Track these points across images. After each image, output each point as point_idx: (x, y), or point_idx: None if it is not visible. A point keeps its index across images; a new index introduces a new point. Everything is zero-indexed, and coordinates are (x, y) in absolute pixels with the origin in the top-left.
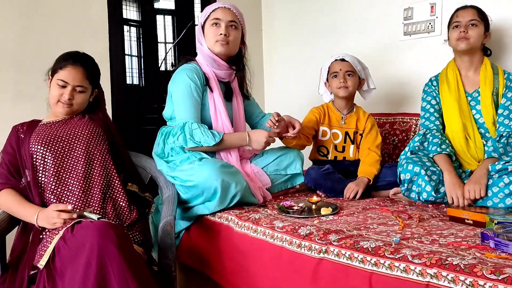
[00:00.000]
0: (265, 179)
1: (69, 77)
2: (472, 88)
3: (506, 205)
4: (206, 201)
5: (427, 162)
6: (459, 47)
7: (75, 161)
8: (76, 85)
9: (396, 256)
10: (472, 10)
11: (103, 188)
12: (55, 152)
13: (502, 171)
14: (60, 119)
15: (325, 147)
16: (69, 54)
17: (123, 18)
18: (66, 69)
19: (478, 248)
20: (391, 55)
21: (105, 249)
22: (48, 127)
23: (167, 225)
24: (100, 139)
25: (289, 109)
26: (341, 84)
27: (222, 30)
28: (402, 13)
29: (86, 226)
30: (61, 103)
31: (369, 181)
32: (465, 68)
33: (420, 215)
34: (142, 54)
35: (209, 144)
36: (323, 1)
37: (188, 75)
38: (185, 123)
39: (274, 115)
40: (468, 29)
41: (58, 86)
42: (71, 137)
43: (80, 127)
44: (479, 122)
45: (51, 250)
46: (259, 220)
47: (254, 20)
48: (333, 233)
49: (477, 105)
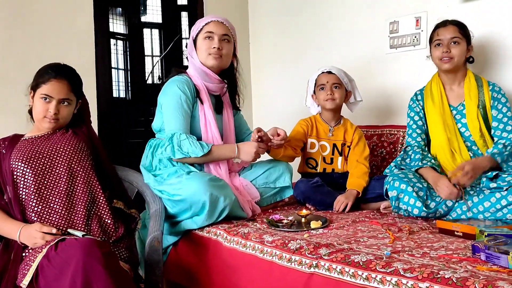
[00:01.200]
0: (254, 193)
1: (54, 91)
2: (457, 101)
3: (496, 218)
4: (194, 215)
5: (413, 178)
6: (443, 68)
7: (57, 178)
8: (61, 98)
9: (387, 270)
10: (453, 27)
11: (87, 205)
12: (35, 168)
13: (496, 189)
14: (42, 134)
15: (314, 159)
16: (51, 67)
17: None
18: (50, 83)
19: (469, 261)
20: (378, 68)
21: (90, 267)
22: (29, 143)
23: (154, 240)
24: (84, 155)
25: (277, 122)
26: (328, 96)
27: (215, 44)
28: (388, 26)
29: (70, 244)
30: (47, 118)
31: (358, 193)
32: (449, 82)
33: (410, 227)
34: (129, 67)
35: (197, 155)
36: (310, 15)
37: (178, 87)
38: (174, 134)
39: (255, 132)
40: (451, 47)
41: (43, 101)
42: (53, 153)
43: (63, 142)
44: (465, 136)
45: (34, 269)
46: (248, 234)
47: (241, 34)
48: (324, 247)
49: (462, 118)
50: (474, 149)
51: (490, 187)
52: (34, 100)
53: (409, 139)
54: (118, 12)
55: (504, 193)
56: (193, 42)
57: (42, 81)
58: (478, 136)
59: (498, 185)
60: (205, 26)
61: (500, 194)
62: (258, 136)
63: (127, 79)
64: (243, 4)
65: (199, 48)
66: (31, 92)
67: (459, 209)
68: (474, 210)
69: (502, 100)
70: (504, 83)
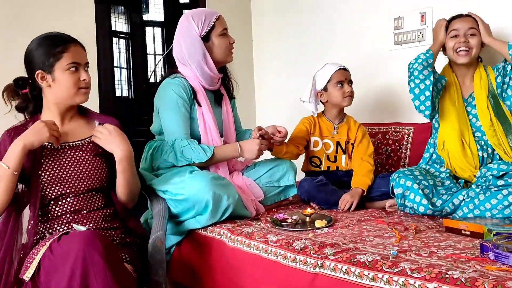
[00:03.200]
0: (257, 192)
1: (79, 56)
2: (467, 93)
3: (504, 215)
4: (197, 214)
5: (419, 175)
6: (459, 61)
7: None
8: (86, 62)
9: (394, 270)
10: (470, 18)
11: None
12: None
13: (503, 186)
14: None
15: (318, 158)
16: (53, 37)
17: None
18: (71, 48)
19: (478, 260)
20: (382, 64)
21: (90, 259)
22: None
23: (157, 240)
24: (100, 171)
25: (280, 120)
26: (348, 93)
27: (232, 39)
28: (393, 22)
29: (72, 236)
30: (82, 89)
31: (363, 191)
32: (462, 75)
33: (416, 226)
34: (131, 66)
35: (201, 160)
36: (313, 12)
37: (174, 90)
38: (175, 140)
39: (256, 131)
40: (468, 38)
41: (70, 72)
42: (71, 164)
43: (81, 158)
44: (476, 126)
45: (37, 262)
46: (252, 234)
47: (244, 32)
48: (329, 246)
49: (472, 110)
50: (484, 139)
51: (497, 185)
52: (55, 78)
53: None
54: (120, 11)
55: (511, 190)
56: (202, 40)
57: (60, 51)
58: (488, 125)
59: (505, 182)
60: (216, 22)
61: (507, 191)
62: (260, 135)
63: (130, 78)
64: (245, 1)
65: (217, 45)
66: (42, 75)
67: (466, 208)
68: (481, 207)
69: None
70: None
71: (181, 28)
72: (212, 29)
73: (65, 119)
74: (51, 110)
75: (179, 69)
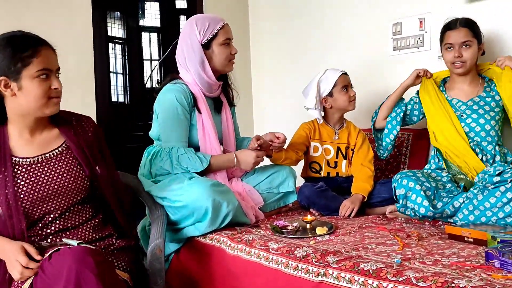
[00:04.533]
0: (257, 198)
1: (51, 62)
2: (467, 97)
3: (506, 213)
4: (196, 222)
5: (421, 177)
6: (455, 72)
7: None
8: (57, 68)
9: (399, 278)
10: (464, 29)
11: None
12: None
13: (500, 182)
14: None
15: (318, 163)
16: (24, 38)
17: (108, 35)
18: (42, 53)
19: (483, 269)
20: (381, 70)
21: (82, 277)
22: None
23: (156, 248)
24: (83, 180)
25: (278, 125)
26: (353, 97)
27: (235, 50)
28: (391, 28)
29: (63, 253)
30: (54, 99)
31: (363, 198)
32: (460, 81)
33: (419, 233)
34: (128, 71)
35: (197, 169)
36: (311, 17)
37: (175, 97)
38: (172, 148)
39: (254, 141)
40: (462, 51)
41: (40, 80)
42: (51, 179)
43: (61, 170)
44: (475, 131)
45: (29, 283)
46: (252, 241)
47: (242, 37)
48: (331, 254)
49: (473, 114)
50: (483, 145)
51: (493, 181)
52: (21, 87)
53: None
54: (116, 16)
55: (508, 186)
56: (202, 48)
57: (29, 55)
58: (487, 130)
59: (501, 178)
60: (220, 30)
61: (505, 187)
62: (258, 145)
63: (126, 83)
64: (243, 7)
65: (217, 54)
66: (6, 82)
67: (466, 210)
68: (481, 207)
69: None
70: None
71: (184, 32)
72: (214, 37)
73: (36, 130)
74: (16, 122)
75: (180, 73)
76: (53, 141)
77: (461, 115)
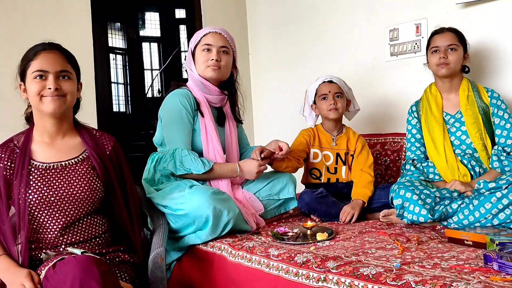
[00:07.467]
0: (257, 205)
1: (48, 64)
2: (454, 109)
3: (500, 221)
4: (197, 230)
5: (419, 186)
6: (439, 73)
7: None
8: (59, 70)
9: (398, 283)
10: (450, 34)
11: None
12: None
13: (495, 188)
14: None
15: (318, 169)
16: (36, 45)
17: (109, 46)
18: (39, 56)
19: (482, 271)
20: (379, 76)
21: (87, 285)
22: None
23: (157, 257)
24: (97, 191)
25: (278, 132)
26: (332, 106)
27: (214, 56)
28: (388, 34)
29: (68, 261)
30: (47, 97)
31: (363, 203)
32: (446, 90)
33: (418, 237)
34: (129, 81)
35: (199, 171)
36: (309, 24)
37: (179, 101)
38: (175, 149)
39: (257, 153)
40: (448, 54)
41: (37, 81)
42: (61, 186)
43: (74, 179)
44: (466, 143)
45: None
46: (253, 248)
47: (240, 45)
48: (331, 259)
49: (462, 126)
50: (475, 156)
51: (489, 187)
52: (26, 87)
53: (409, 153)
54: (116, 27)
55: (504, 192)
56: (192, 55)
57: (28, 59)
58: (478, 139)
59: (497, 184)
60: (203, 38)
61: (501, 193)
62: (261, 157)
63: (127, 93)
64: (242, 15)
65: (197, 60)
66: (21, 86)
67: (461, 214)
68: (476, 213)
69: (502, 106)
70: (505, 89)
71: (190, 41)
72: (198, 44)
73: (56, 135)
74: (37, 125)
75: (188, 82)
76: (74, 148)
77: (450, 129)
